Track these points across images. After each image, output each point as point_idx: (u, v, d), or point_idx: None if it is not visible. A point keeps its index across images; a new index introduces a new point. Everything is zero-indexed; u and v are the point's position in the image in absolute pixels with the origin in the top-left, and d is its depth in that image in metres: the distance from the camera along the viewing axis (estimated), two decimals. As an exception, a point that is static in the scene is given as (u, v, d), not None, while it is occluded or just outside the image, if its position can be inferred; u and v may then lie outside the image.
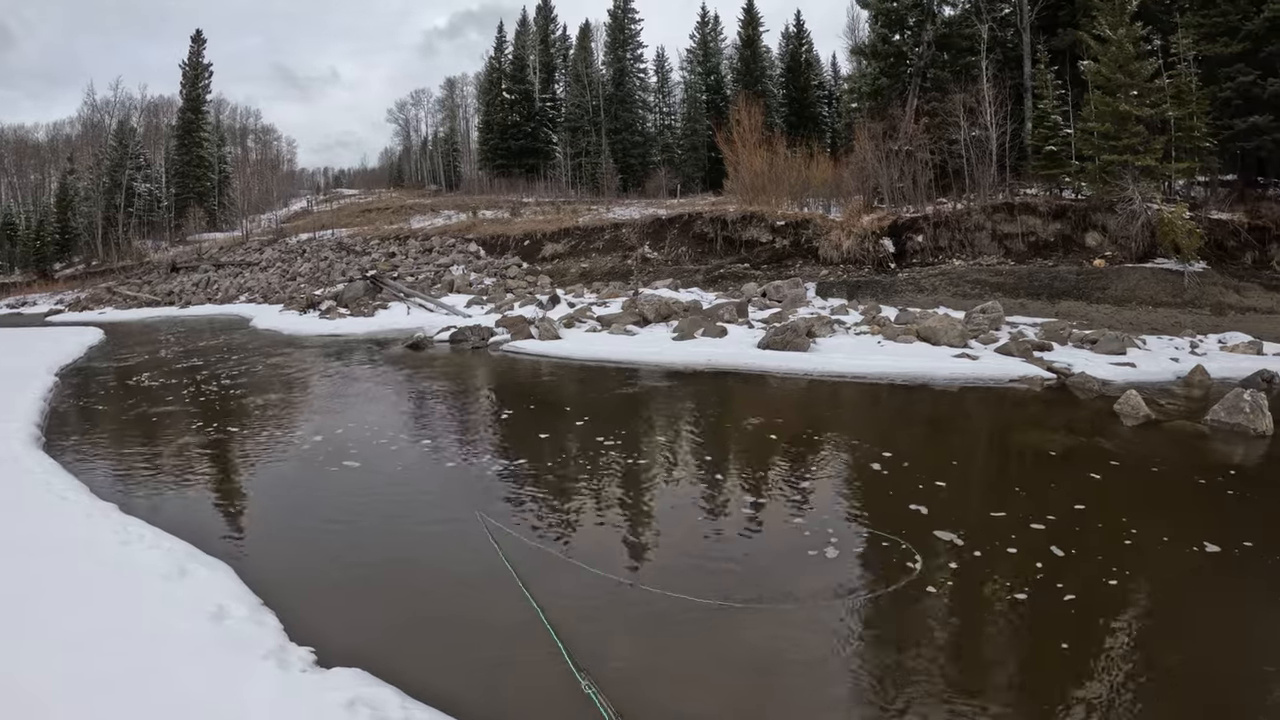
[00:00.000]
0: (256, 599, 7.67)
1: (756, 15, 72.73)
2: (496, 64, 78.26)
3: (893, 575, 8.40)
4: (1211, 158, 31.15)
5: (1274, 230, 28.60)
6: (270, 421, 15.94)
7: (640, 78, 75.92)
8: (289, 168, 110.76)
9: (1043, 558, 8.81)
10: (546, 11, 78.47)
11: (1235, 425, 14.42)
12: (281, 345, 27.20)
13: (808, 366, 20.33)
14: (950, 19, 42.31)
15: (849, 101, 52.89)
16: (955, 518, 10.00)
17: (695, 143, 69.74)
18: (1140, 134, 29.05)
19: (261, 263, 53.46)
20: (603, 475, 12.19)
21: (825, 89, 75.82)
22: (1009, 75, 37.92)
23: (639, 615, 7.67)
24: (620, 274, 38.84)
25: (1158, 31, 32.04)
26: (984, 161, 34.65)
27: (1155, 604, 7.98)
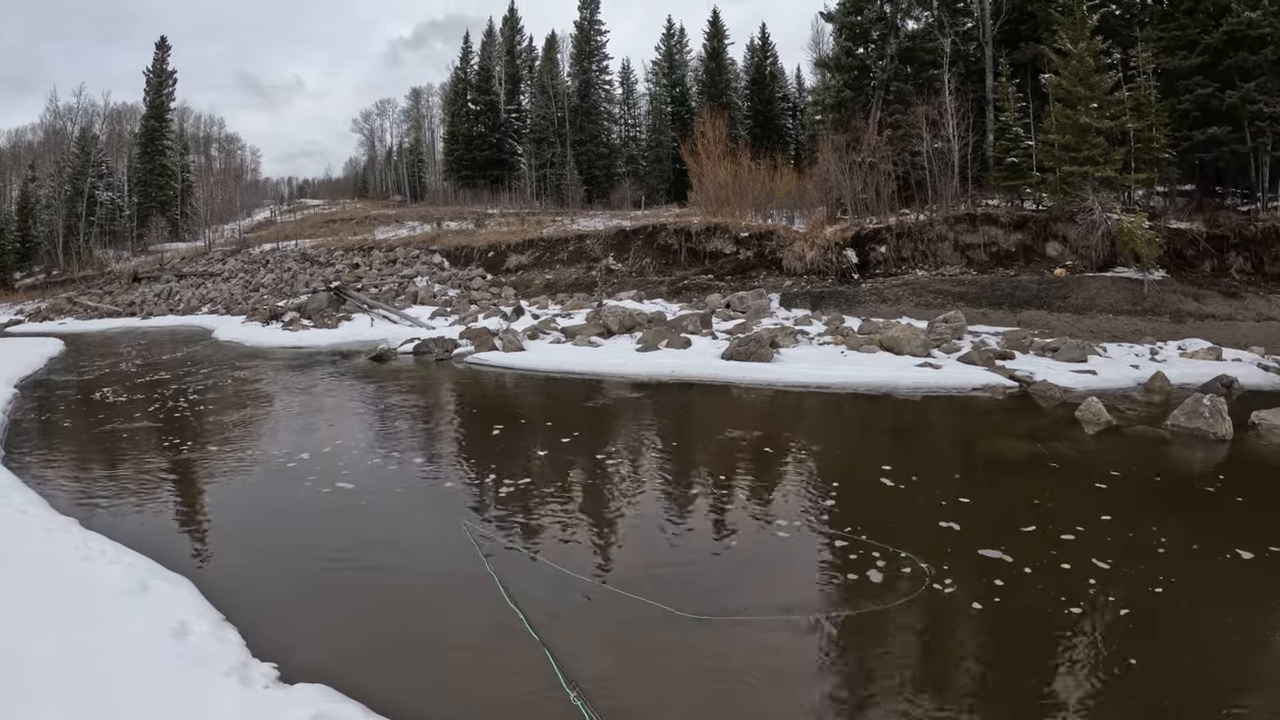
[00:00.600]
0: (219, 615, 7.53)
1: (722, 28, 72.97)
2: (462, 74, 77.90)
3: (901, 586, 8.34)
4: (1170, 168, 31.58)
5: (1232, 239, 28.98)
6: (231, 437, 15.49)
7: (605, 89, 75.74)
8: (253, 177, 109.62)
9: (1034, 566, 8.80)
10: (513, 23, 78.15)
11: (1195, 430, 14.50)
12: (244, 358, 26.73)
13: (771, 377, 20.25)
14: (913, 33, 42.64)
15: (813, 114, 53.00)
16: (951, 525, 10.01)
17: (660, 154, 69.65)
18: (1100, 145, 29.40)
19: (224, 273, 52.80)
20: (586, 488, 12.02)
21: (790, 101, 75.98)
22: (971, 88, 38.17)
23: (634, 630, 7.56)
24: (585, 285, 38.70)
25: (1118, 45, 32.58)
26: (946, 173, 34.82)
27: (1214, 612, 7.89)
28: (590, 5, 72.46)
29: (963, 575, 8.48)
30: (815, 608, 7.96)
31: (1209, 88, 30.70)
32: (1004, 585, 8.24)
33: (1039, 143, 33.01)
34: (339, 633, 7.51)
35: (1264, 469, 12.99)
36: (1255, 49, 30.13)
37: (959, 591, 8.15)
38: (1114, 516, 10.21)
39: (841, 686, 6.70)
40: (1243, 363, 21.77)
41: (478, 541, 9.59)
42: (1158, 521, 10.05)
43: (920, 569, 8.61)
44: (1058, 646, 7.19)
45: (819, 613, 7.84)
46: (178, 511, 11.32)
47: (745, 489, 12.04)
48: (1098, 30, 31.37)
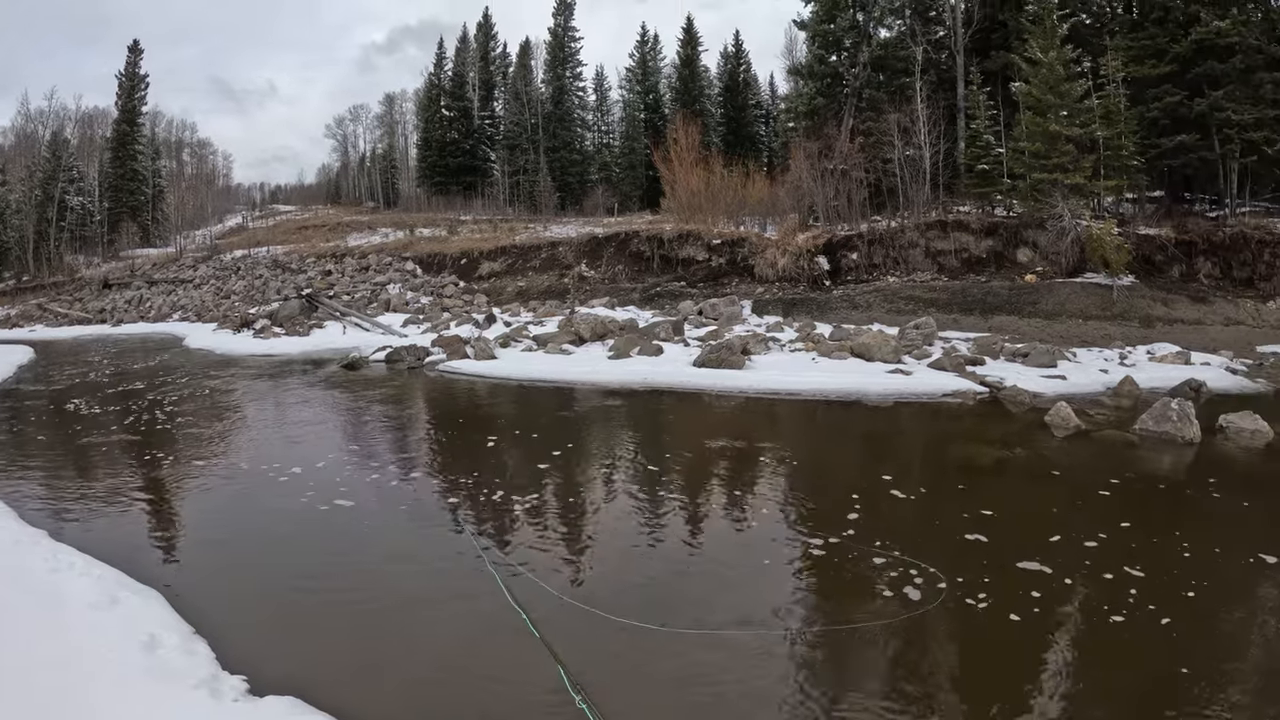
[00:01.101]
0: (189, 627, 7.41)
1: (696, 35, 73.24)
2: (436, 80, 77.62)
3: (918, 595, 8.23)
4: (1139, 175, 31.90)
5: (1200, 244, 29.26)
6: (209, 450, 15.19)
7: (579, 96, 75.61)
8: (225, 182, 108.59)
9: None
10: (487, 29, 78.00)
11: (1163, 433, 14.50)
12: (216, 366, 26.31)
13: (743, 384, 20.10)
14: (885, 41, 42.91)
15: (786, 121, 53.18)
16: (979, 537, 9.87)
17: (633, 161, 69.68)
18: (1070, 153, 29.58)
19: (195, 280, 52.27)
20: (583, 504, 11.78)
21: (762, 108, 76.25)
22: (942, 96, 38.38)
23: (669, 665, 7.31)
24: (557, 293, 38.53)
25: (1088, 54, 32.85)
26: (918, 180, 34.93)
27: (1252, 616, 7.95)
28: (564, 12, 72.54)
29: (1000, 588, 8.33)
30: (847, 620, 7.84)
31: (1178, 96, 31.08)
32: (1043, 595, 8.12)
33: (1009, 150, 33.25)
34: (312, 642, 7.43)
35: (1266, 474, 12.95)
36: (1224, 57, 30.51)
37: (995, 602, 8.04)
38: (1133, 523, 10.14)
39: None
40: (1211, 367, 21.91)
41: (475, 540, 9.61)
42: (1174, 528, 10.00)
43: (936, 579, 8.51)
44: (1111, 655, 7.11)
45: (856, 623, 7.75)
46: (147, 522, 11.06)
47: (726, 499, 11.98)
48: (1068, 39, 31.65)
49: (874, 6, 42.73)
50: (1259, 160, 30.58)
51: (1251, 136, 29.96)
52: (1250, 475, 12.81)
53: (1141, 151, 31.20)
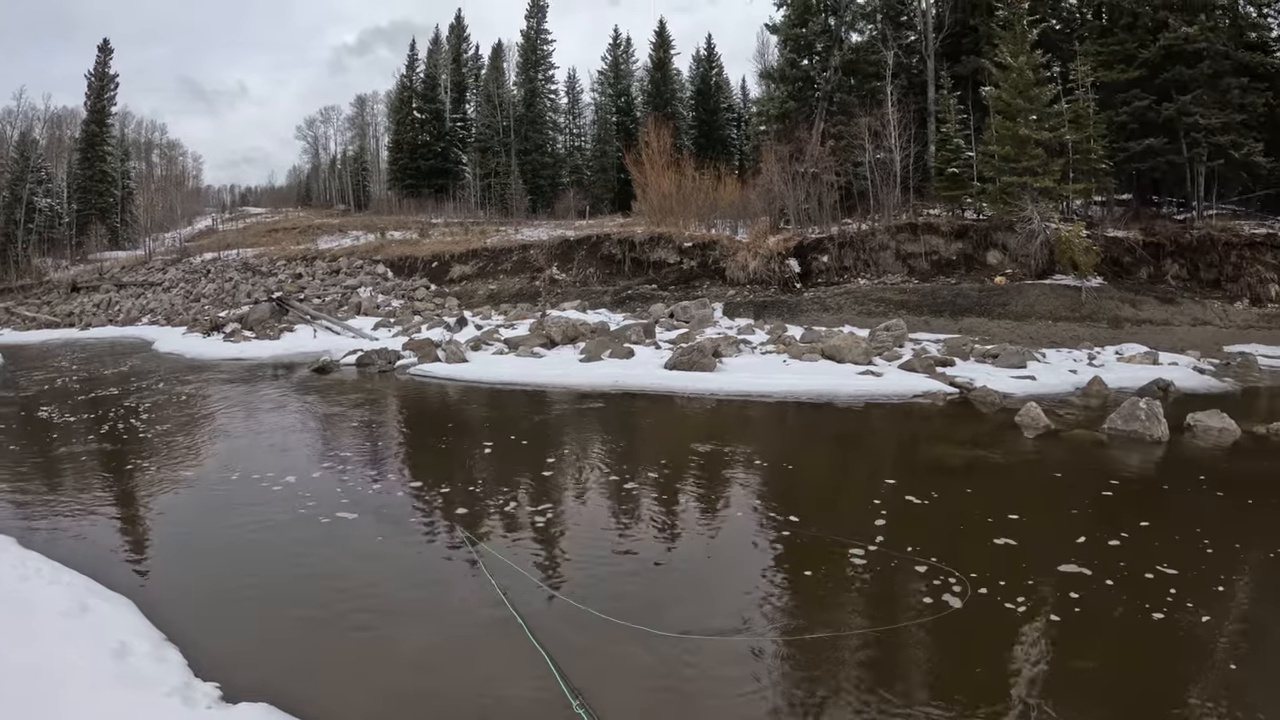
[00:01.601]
0: (160, 634, 7.27)
1: (668, 38, 72.83)
2: (408, 82, 77.00)
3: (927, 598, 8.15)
4: (1108, 178, 32.20)
5: (1168, 246, 29.59)
6: (171, 454, 14.86)
7: (551, 99, 75.17)
8: (194, 184, 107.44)
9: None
10: (459, 31, 77.56)
11: (1132, 432, 14.56)
12: (187, 371, 25.76)
13: (714, 386, 20.01)
14: (857, 45, 43.10)
15: (757, 124, 53.24)
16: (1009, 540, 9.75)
17: (605, 164, 69.28)
18: (1039, 156, 29.74)
19: (164, 283, 51.59)
20: (556, 504, 11.61)
21: (734, 112, 75.99)
22: (913, 100, 38.58)
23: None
24: (528, 295, 38.37)
25: (1057, 59, 33.13)
26: (888, 183, 35.05)
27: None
28: (537, 14, 72.16)
29: (1042, 592, 8.27)
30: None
31: (1146, 100, 31.40)
32: (1082, 596, 8.08)
33: (979, 154, 33.41)
34: (285, 648, 7.32)
35: (1261, 473, 12.99)
36: (1192, 63, 30.86)
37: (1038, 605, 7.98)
38: (1152, 523, 10.15)
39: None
40: (1179, 366, 22.17)
41: (471, 541, 9.54)
42: (1193, 526, 10.07)
43: (961, 581, 8.42)
44: (1159, 655, 7.17)
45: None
46: (115, 526, 10.83)
47: (707, 501, 11.86)
48: (1038, 44, 31.86)
49: (845, 11, 42.92)
50: (1226, 164, 31.00)
51: (1218, 140, 30.33)
52: (1246, 474, 12.82)
53: (1110, 155, 31.51)
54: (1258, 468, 13.18)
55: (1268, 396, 19.84)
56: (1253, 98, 31.47)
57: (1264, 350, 24.86)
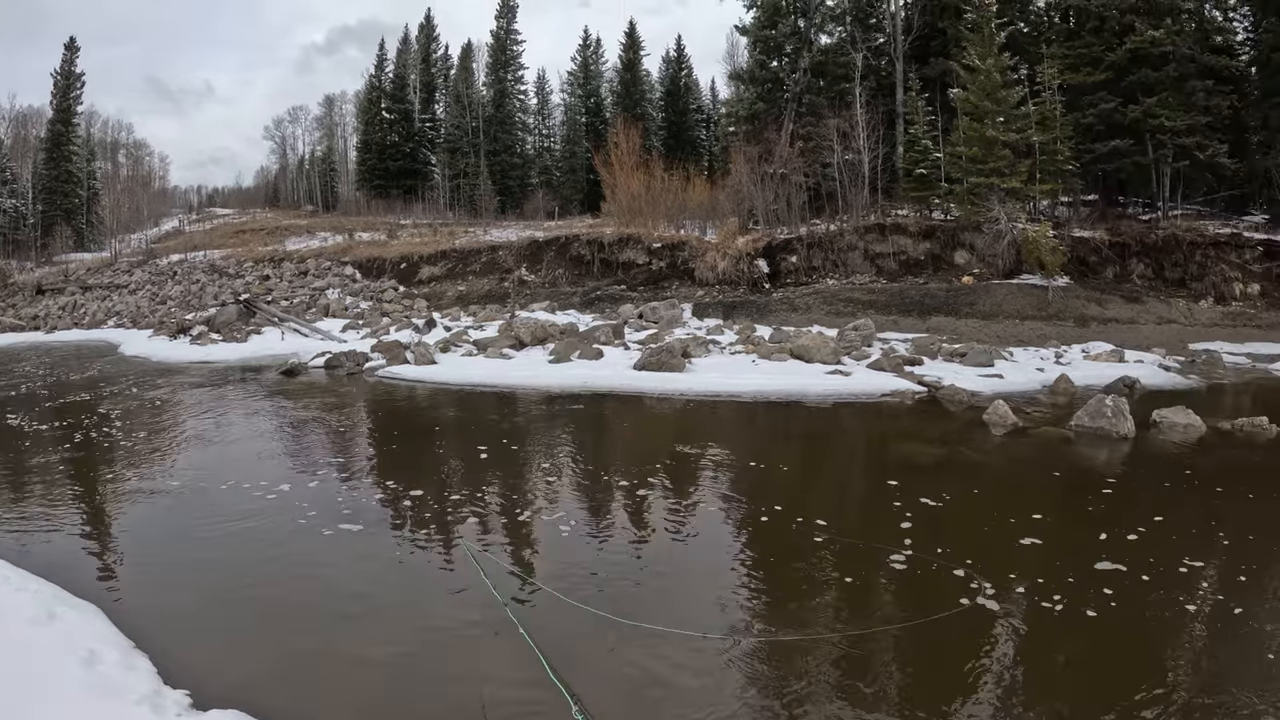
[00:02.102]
0: (129, 642, 7.07)
1: (638, 39, 72.81)
2: (377, 82, 76.37)
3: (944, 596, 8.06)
4: (1074, 179, 32.54)
5: (1134, 246, 29.91)
6: (132, 459, 14.45)
7: (520, 99, 74.84)
8: (161, 185, 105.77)
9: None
10: (429, 30, 77.07)
11: (1098, 429, 14.58)
12: (155, 375, 25.09)
13: (683, 387, 19.85)
14: (826, 47, 43.31)
15: (726, 125, 53.33)
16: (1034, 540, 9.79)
17: (574, 165, 69.20)
18: (1006, 158, 29.96)
19: (131, 285, 50.85)
20: (546, 505, 11.42)
21: (703, 113, 76.14)
22: (881, 102, 38.82)
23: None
24: (497, 297, 38.17)
25: (1025, 62, 33.55)
26: (856, 184, 35.17)
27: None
28: (507, 14, 71.90)
29: (1079, 588, 8.22)
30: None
31: (1112, 102, 31.74)
32: (1117, 593, 8.03)
33: (947, 155, 33.60)
34: (257, 653, 7.15)
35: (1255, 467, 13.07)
36: (1157, 66, 31.23)
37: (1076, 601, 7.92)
38: (1166, 518, 10.17)
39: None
40: (1144, 364, 22.31)
41: (467, 545, 9.38)
42: (1207, 520, 10.18)
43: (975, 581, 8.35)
44: (1200, 648, 7.16)
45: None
46: (74, 528, 10.49)
47: (693, 501, 11.69)
48: (1005, 47, 32.12)
49: (815, 13, 43.09)
50: (1191, 165, 31.45)
51: (1184, 142, 30.74)
52: (1240, 469, 12.80)
53: (1076, 156, 31.88)
54: (1246, 462, 13.26)
55: (1232, 393, 20.03)
56: (1217, 100, 31.98)
57: (1228, 347, 25.28)
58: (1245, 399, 19.23)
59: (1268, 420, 14.80)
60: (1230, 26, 36.53)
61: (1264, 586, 8.25)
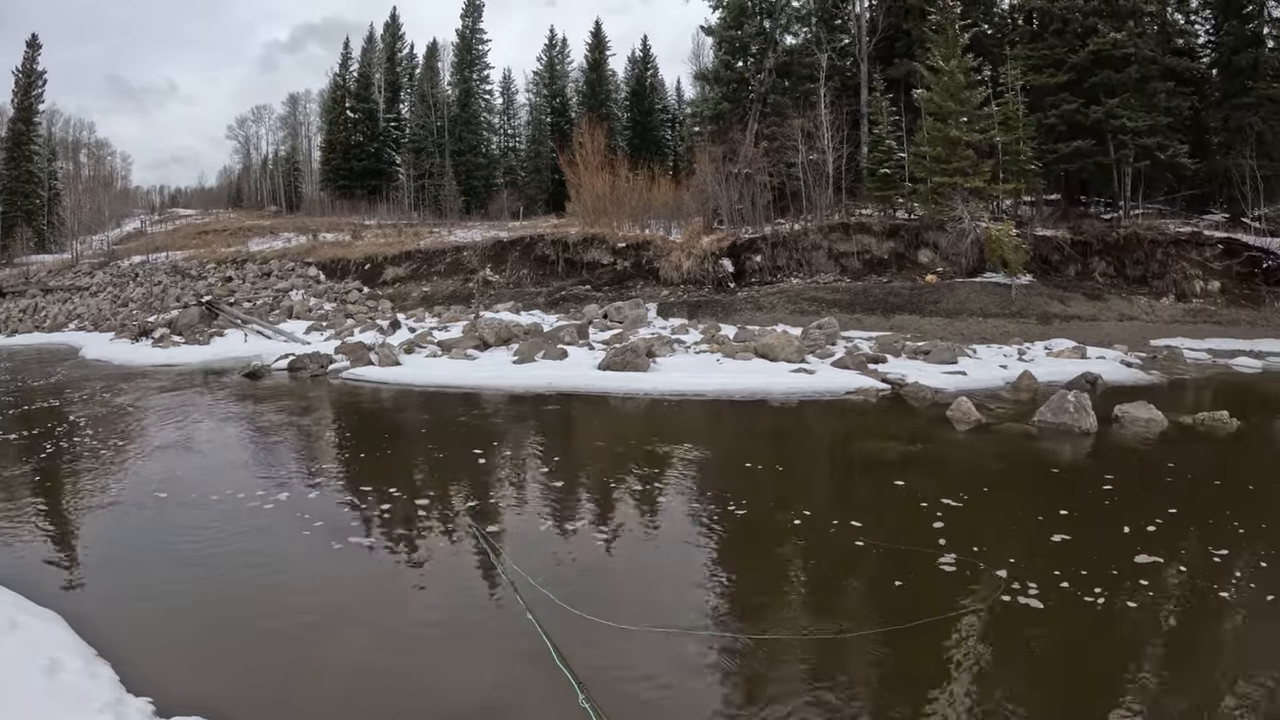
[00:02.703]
0: (91, 650, 6.91)
1: (604, 39, 72.79)
2: (341, 81, 75.67)
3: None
4: (1037, 179, 32.82)
5: (1095, 245, 30.21)
6: (94, 468, 13.94)
7: (486, 99, 74.49)
8: (123, 185, 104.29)
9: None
10: (394, 29, 76.55)
11: (1061, 425, 14.63)
12: (116, 378, 24.78)
13: (648, 386, 19.75)
14: (791, 48, 43.45)
15: (691, 125, 53.39)
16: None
17: (539, 165, 68.89)
18: (970, 157, 30.17)
19: (92, 287, 50.11)
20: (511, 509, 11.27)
21: (669, 113, 76.19)
22: (846, 102, 38.89)
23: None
24: (462, 297, 37.93)
25: (988, 63, 33.87)
26: (821, 184, 35.22)
27: None
28: (473, 14, 71.53)
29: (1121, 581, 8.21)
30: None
31: (1075, 103, 32.13)
32: (1150, 583, 8.09)
33: (911, 155, 33.80)
34: (222, 658, 6.99)
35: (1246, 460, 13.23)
36: (1119, 67, 31.61)
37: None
38: (1179, 510, 10.23)
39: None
40: (1107, 360, 22.50)
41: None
42: (1221, 510, 10.21)
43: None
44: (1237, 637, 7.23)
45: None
46: (35, 536, 10.15)
47: (638, 498, 11.63)
48: (969, 49, 32.40)
49: (781, 14, 43.21)
50: (1152, 165, 31.92)
51: (1145, 142, 31.10)
52: (1234, 463, 12.99)
53: (1039, 156, 32.20)
54: (1239, 456, 13.47)
55: (1193, 388, 20.29)
56: (1178, 101, 32.48)
57: (1189, 344, 25.61)
58: (1206, 394, 19.49)
59: (1228, 414, 14.93)
60: (1192, 29, 37.11)
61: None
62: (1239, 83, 33.88)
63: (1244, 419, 15.11)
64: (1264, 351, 24.99)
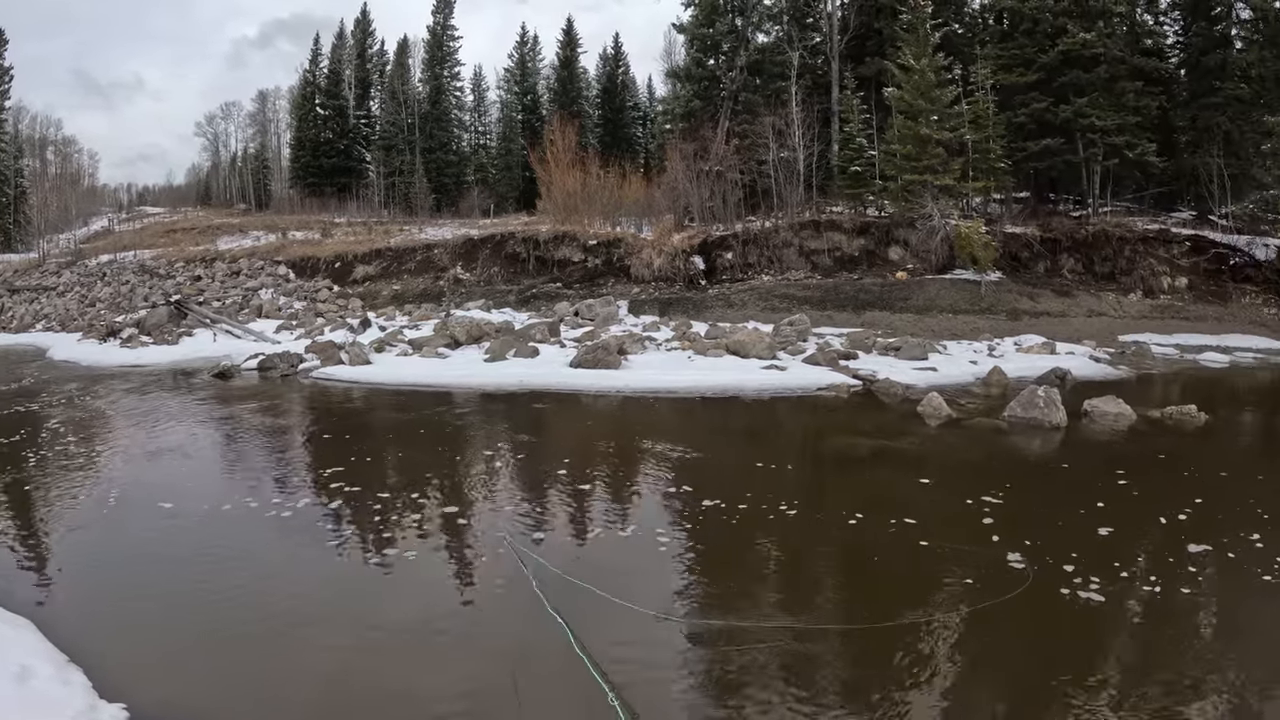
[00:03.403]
0: (63, 656, 6.77)
1: (575, 37, 72.58)
2: (311, 78, 74.82)
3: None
4: (1006, 177, 33.04)
5: (1064, 242, 30.50)
6: (62, 471, 13.66)
7: (457, 96, 74.03)
8: (90, 183, 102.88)
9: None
10: (364, 25, 75.82)
11: (1031, 419, 14.71)
12: (82, 380, 24.39)
13: (619, 384, 19.71)
14: (763, 46, 43.49)
15: (663, 123, 53.28)
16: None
17: (510, 162, 68.62)
18: (940, 155, 30.31)
19: (59, 287, 49.38)
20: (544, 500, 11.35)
21: (640, 110, 76.14)
22: (817, 100, 38.97)
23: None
24: (432, 295, 37.67)
25: (959, 62, 34.11)
26: (792, 181, 35.28)
27: None
28: (444, 10, 70.95)
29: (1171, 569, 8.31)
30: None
31: (1044, 102, 32.44)
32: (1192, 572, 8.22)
33: (881, 153, 33.91)
34: (196, 662, 6.86)
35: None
36: (1088, 67, 31.91)
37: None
38: (1205, 499, 10.31)
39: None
40: (1076, 356, 22.75)
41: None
42: (1245, 499, 10.37)
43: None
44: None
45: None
46: (9, 547, 10.01)
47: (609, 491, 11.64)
48: (939, 48, 32.50)
49: (752, 12, 43.19)
50: (1120, 163, 32.25)
51: (1113, 141, 31.40)
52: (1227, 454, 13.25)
53: (1009, 154, 32.46)
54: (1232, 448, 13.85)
55: (1161, 382, 20.57)
56: (1146, 100, 32.84)
57: (1157, 339, 25.96)
58: (1174, 388, 19.71)
59: (1196, 408, 15.04)
60: (1160, 30, 37.55)
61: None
62: (1207, 83, 34.35)
63: (1212, 413, 15.31)
64: (1231, 346, 25.46)
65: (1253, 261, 30.02)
